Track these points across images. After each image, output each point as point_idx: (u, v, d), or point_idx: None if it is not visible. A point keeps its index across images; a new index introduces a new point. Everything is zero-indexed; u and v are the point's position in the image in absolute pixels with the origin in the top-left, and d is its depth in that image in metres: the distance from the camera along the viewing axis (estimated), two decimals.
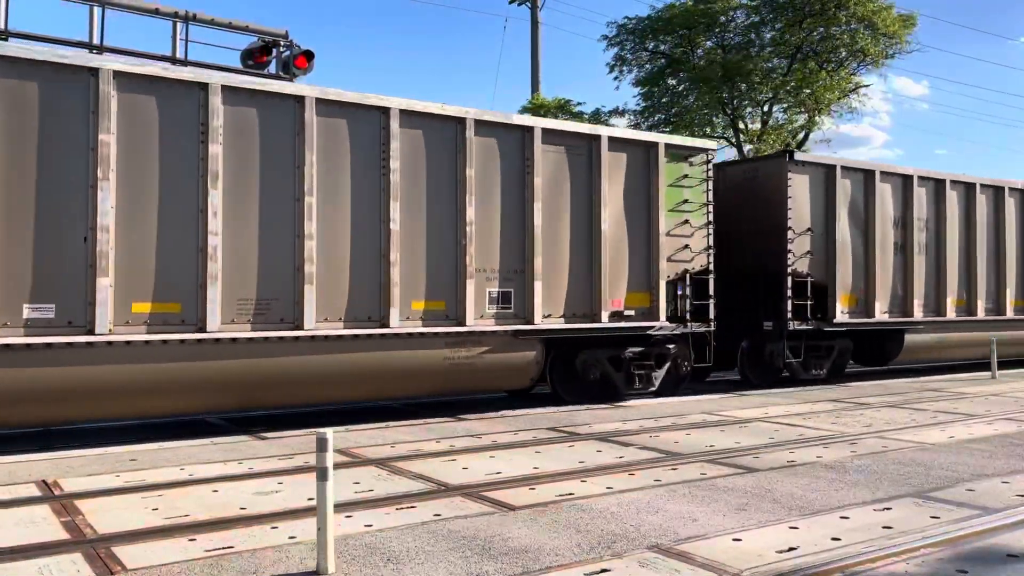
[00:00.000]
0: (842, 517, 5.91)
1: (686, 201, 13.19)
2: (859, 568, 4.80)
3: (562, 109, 30.41)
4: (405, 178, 10.78)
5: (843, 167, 15.41)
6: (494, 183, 11.48)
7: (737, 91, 28.94)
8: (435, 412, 11.57)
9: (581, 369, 12.33)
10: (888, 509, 6.14)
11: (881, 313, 15.64)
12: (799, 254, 14.56)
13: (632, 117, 31.14)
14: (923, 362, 17.37)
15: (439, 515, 5.97)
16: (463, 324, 11.01)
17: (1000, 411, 11.43)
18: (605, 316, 12.25)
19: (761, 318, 14.67)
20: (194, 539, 5.38)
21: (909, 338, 16.13)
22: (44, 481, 7.11)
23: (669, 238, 12.94)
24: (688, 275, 13.12)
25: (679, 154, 13.22)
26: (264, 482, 7.07)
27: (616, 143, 12.56)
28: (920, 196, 16.44)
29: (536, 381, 12.16)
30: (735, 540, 5.35)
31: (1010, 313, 17.92)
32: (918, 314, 16.20)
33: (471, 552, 5.11)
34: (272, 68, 11.42)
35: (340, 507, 5.81)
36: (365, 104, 10.56)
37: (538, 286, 11.67)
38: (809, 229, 14.72)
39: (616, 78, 31.56)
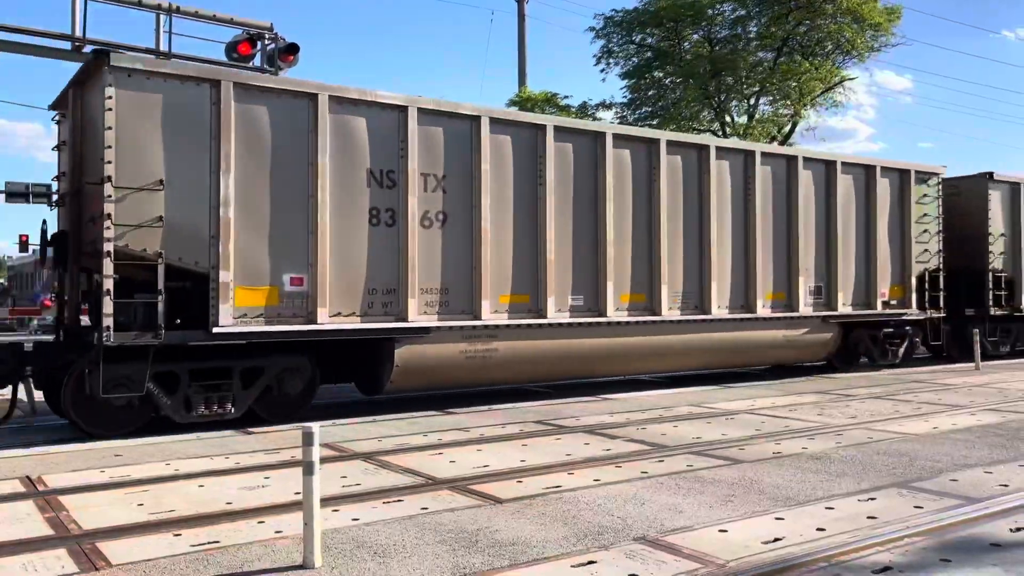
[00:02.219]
0: (827, 508, 5.95)
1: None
2: (844, 558, 4.83)
3: (549, 102, 30.38)
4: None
5: (240, 85, 10.05)
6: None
7: (724, 84, 29.00)
8: (422, 406, 11.56)
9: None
10: (872, 499, 6.18)
11: None
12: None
13: (619, 110, 31.16)
14: None
15: (426, 508, 5.97)
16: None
17: (983, 402, 11.53)
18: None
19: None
20: (180, 534, 5.35)
21: None
22: (28, 477, 7.06)
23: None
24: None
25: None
26: (250, 477, 7.04)
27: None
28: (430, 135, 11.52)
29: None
30: (721, 531, 5.37)
31: None
32: None
33: (458, 545, 5.12)
34: (257, 61, 11.36)
35: (327, 501, 5.80)
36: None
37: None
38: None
39: (603, 71, 31.60)
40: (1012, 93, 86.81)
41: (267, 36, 11.44)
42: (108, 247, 8.85)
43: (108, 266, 8.84)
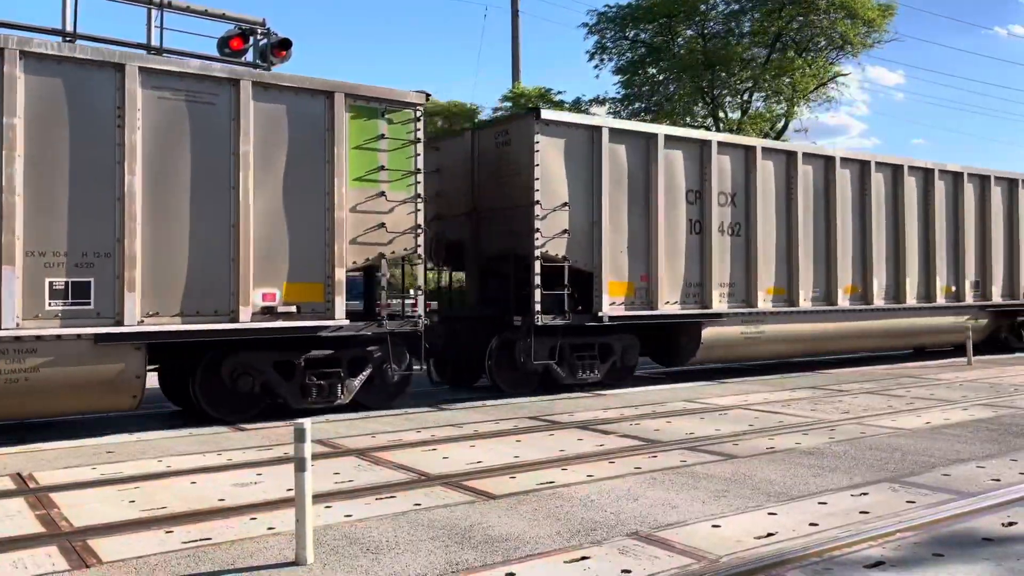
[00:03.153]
0: (820, 503, 5.95)
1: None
2: (836, 553, 4.83)
3: (543, 98, 30.33)
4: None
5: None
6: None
7: (717, 80, 29.00)
8: (416, 402, 11.54)
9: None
10: (865, 494, 6.19)
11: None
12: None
13: (612, 105, 31.13)
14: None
15: (419, 505, 5.95)
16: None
17: (975, 397, 11.57)
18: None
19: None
20: (171, 531, 5.33)
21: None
22: (19, 474, 7.02)
23: None
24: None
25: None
26: (243, 473, 7.02)
27: None
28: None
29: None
30: (714, 526, 5.37)
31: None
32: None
33: (451, 541, 5.11)
34: (249, 56, 11.29)
35: (319, 498, 5.78)
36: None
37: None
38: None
39: (596, 66, 31.58)
40: (1005, 89, 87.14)
41: (260, 31, 11.36)
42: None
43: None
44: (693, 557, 4.77)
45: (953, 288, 17.82)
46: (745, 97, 30.04)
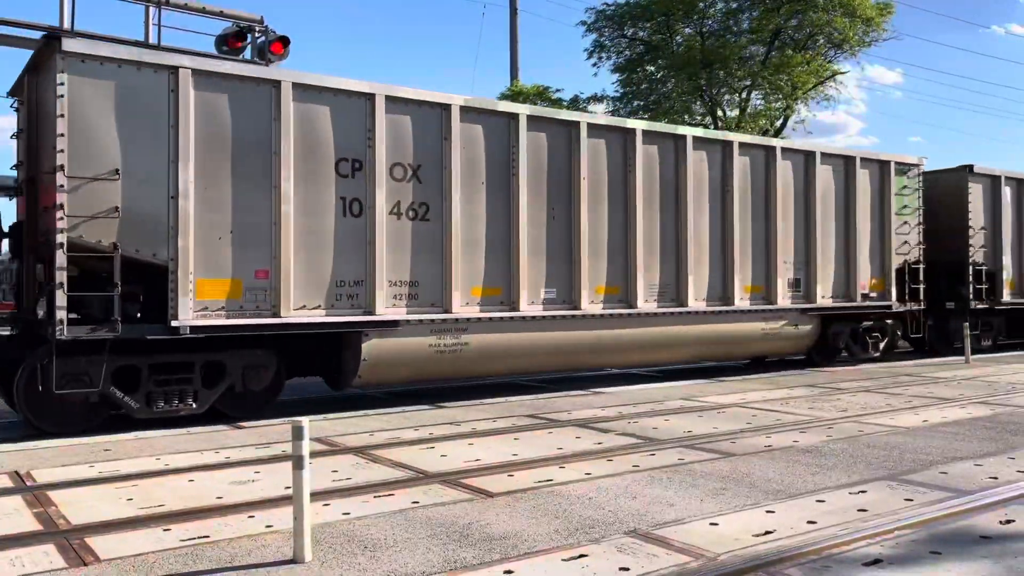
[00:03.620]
0: (818, 501, 5.96)
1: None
2: (834, 550, 4.84)
3: (541, 96, 30.31)
4: None
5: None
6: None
7: (715, 78, 28.99)
8: (413, 400, 11.54)
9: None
10: (863, 492, 6.20)
11: None
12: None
13: (610, 104, 31.12)
14: None
15: (417, 503, 5.95)
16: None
17: (973, 395, 11.58)
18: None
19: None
20: (169, 529, 5.32)
21: None
22: (16, 472, 7.01)
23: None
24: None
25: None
26: (240, 471, 7.01)
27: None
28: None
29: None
30: (712, 524, 5.37)
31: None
32: None
33: (449, 539, 5.10)
34: (247, 54, 11.27)
35: (317, 495, 5.78)
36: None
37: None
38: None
39: (595, 64, 31.51)
40: (1002, 88, 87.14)
41: (257, 29, 11.35)
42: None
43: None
44: (691, 555, 4.77)
45: (762, 287, 14.64)
46: (743, 95, 30.03)
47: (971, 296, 17.84)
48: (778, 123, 30.21)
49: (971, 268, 17.91)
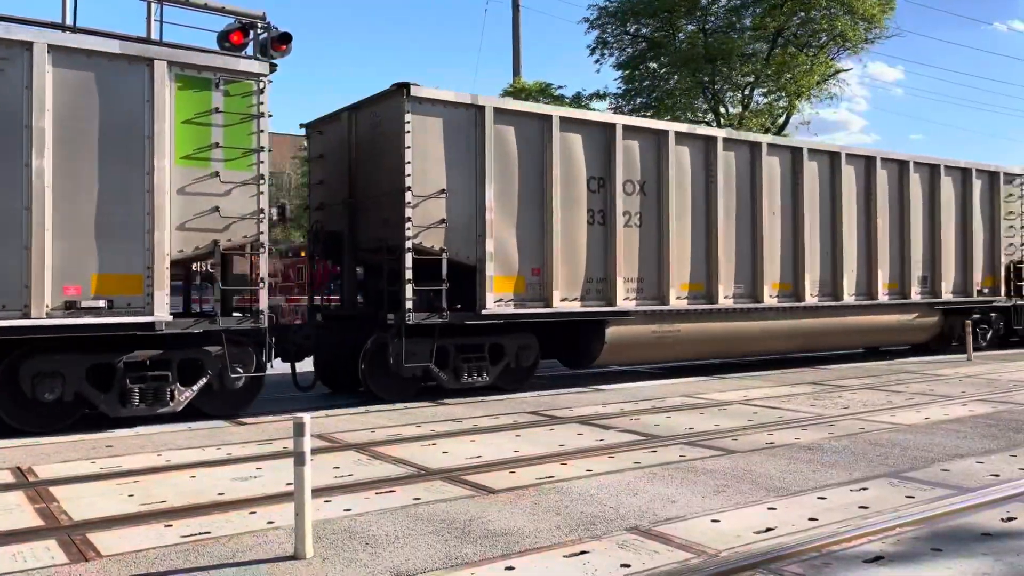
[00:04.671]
0: (819, 498, 5.95)
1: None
2: (836, 548, 4.84)
3: (543, 93, 30.28)
4: None
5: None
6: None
7: (718, 74, 28.95)
8: (415, 397, 11.54)
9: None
10: (864, 489, 6.19)
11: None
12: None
13: (613, 100, 31.09)
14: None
15: (419, 499, 5.95)
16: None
17: (975, 392, 11.57)
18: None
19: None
20: (170, 525, 5.33)
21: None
22: (18, 468, 7.02)
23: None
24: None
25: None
26: (242, 468, 7.02)
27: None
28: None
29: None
30: (713, 521, 5.37)
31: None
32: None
33: (450, 535, 5.11)
34: (249, 50, 11.26)
35: (319, 492, 5.78)
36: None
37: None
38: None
39: (597, 61, 31.46)
40: (1004, 84, 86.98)
41: (259, 25, 11.32)
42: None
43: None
44: (692, 552, 4.77)
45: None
46: (746, 92, 30.00)
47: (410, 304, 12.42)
48: (780, 120, 30.18)
49: (410, 256, 11.72)
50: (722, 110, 30.09)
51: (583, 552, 4.80)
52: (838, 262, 15.66)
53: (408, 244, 10.79)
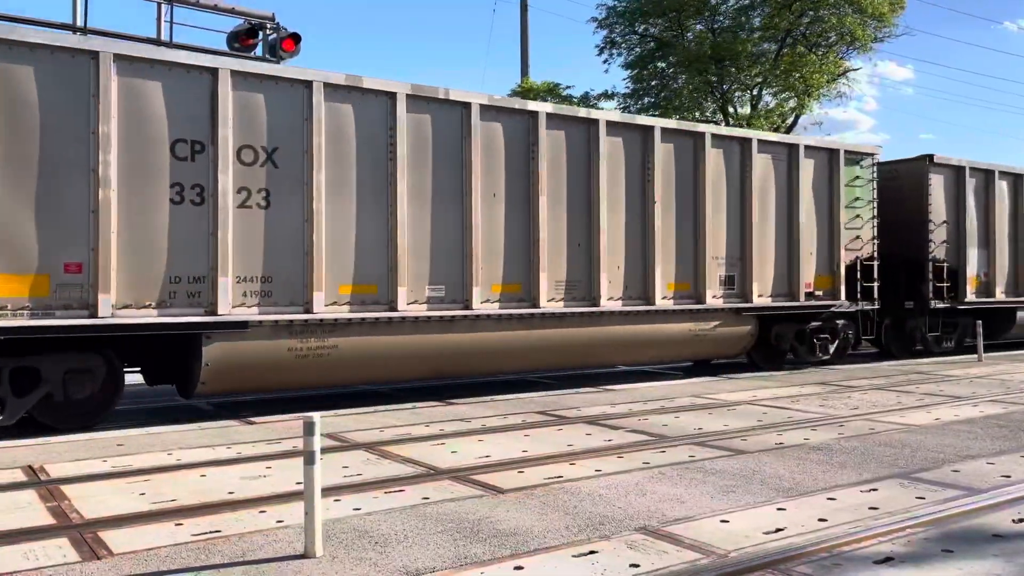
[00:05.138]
0: (829, 498, 5.94)
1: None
2: (846, 548, 4.82)
3: (551, 92, 30.29)
4: None
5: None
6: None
7: (727, 74, 28.90)
8: (424, 396, 11.55)
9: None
10: (874, 490, 6.17)
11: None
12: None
13: (621, 100, 31.06)
14: None
15: (428, 498, 5.97)
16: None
17: (986, 393, 11.52)
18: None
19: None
20: (181, 524, 5.35)
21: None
22: (30, 467, 7.06)
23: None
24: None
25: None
26: (252, 467, 7.05)
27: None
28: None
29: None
30: (723, 521, 5.37)
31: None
32: None
33: (460, 535, 5.12)
34: (259, 51, 11.30)
35: (328, 491, 5.80)
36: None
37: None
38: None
39: (605, 61, 31.49)
40: (1014, 84, 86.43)
41: (268, 26, 11.37)
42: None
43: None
44: (702, 552, 4.76)
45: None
46: (755, 92, 29.93)
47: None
48: (789, 120, 30.10)
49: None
50: (731, 110, 30.03)
51: (592, 552, 4.80)
52: (595, 257, 12.40)
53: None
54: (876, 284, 15.66)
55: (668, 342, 13.39)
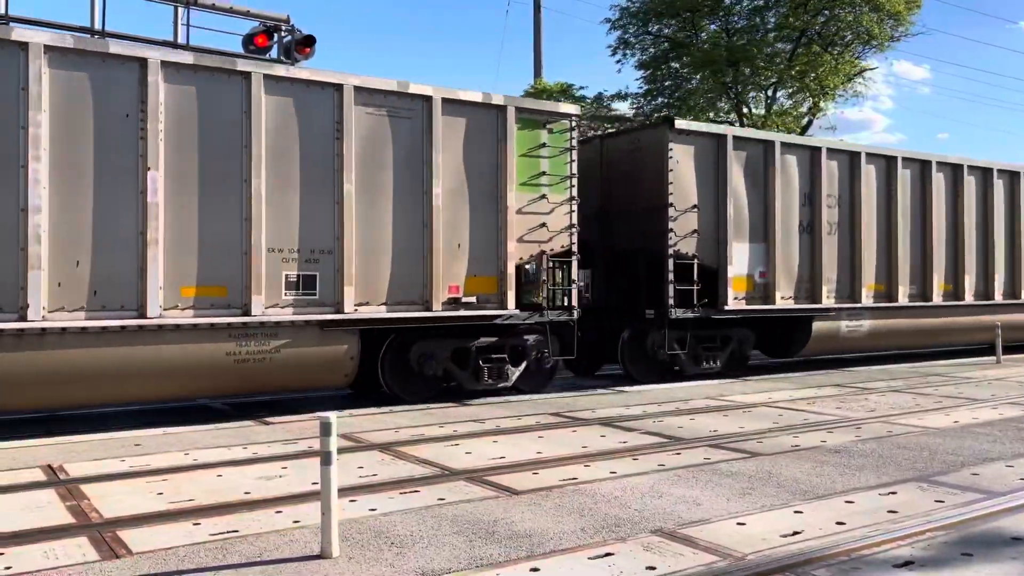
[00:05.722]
0: (847, 501, 5.90)
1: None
2: (864, 552, 4.79)
3: (564, 93, 30.26)
4: None
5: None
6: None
7: (741, 75, 28.79)
8: (437, 398, 11.57)
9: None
10: (893, 493, 6.13)
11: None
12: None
13: (635, 101, 31.01)
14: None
15: (443, 499, 5.97)
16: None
17: (1005, 395, 11.41)
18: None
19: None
20: (199, 523, 5.39)
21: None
22: (49, 466, 7.13)
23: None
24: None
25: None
26: (268, 467, 7.08)
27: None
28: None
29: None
30: (739, 524, 5.34)
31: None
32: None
33: (475, 536, 5.12)
34: (274, 53, 11.35)
35: (344, 491, 5.82)
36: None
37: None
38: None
39: (619, 61, 31.37)
40: None
41: (283, 28, 11.43)
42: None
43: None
44: (718, 555, 4.75)
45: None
46: (770, 93, 29.80)
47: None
48: (803, 121, 29.95)
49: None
50: (745, 111, 29.92)
51: (608, 554, 4.79)
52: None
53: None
54: (576, 286, 12.17)
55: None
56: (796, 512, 5.62)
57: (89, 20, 10.22)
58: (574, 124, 12.13)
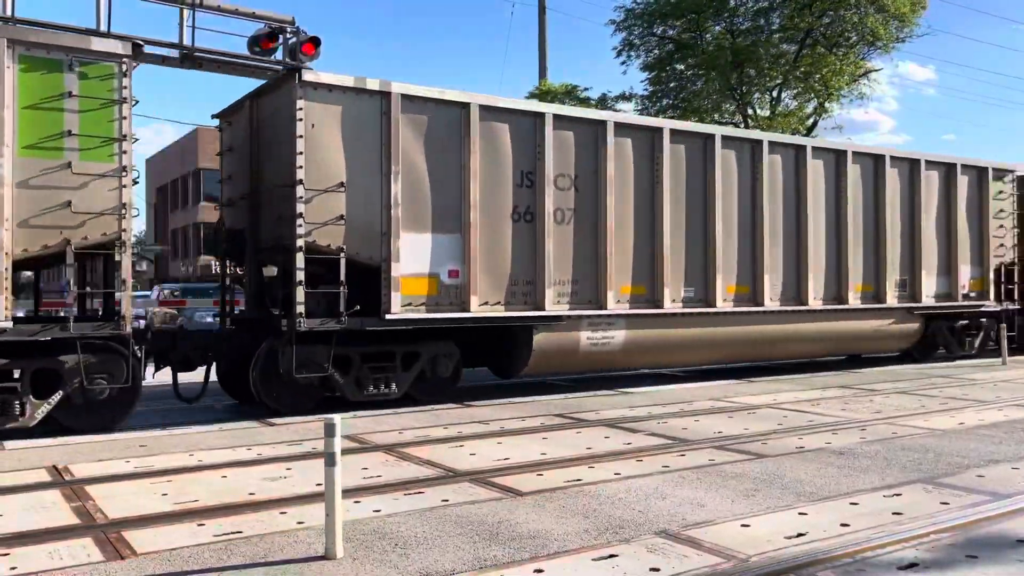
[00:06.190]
0: (851, 503, 5.89)
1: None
2: (869, 554, 4.78)
3: (569, 95, 30.29)
4: None
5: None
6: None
7: (746, 76, 28.76)
8: (443, 399, 11.56)
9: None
10: (898, 495, 6.11)
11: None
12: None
13: (639, 102, 31.00)
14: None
15: (447, 500, 5.97)
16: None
17: (1010, 397, 11.37)
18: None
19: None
20: (203, 524, 5.40)
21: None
22: (55, 466, 7.15)
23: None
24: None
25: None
26: (272, 468, 7.09)
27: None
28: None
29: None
30: (744, 526, 5.33)
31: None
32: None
33: (479, 537, 5.12)
34: (279, 55, 11.37)
35: (348, 492, 5.82)
36: None
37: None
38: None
39: (623, 63, 31.43)
40: None
41: (289, 30, 11.45)
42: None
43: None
44: (722, 556, 4.74)
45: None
46: (775, 94, 29.77)
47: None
48: (809, 122, 29.91)
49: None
50: (750, 112, 29.89)
51: (612, 556, 4.79)
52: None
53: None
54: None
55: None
56: (801, 514, 5.61)
57: (95, 21, 10.26)
58: (125, 69, 9.00)
